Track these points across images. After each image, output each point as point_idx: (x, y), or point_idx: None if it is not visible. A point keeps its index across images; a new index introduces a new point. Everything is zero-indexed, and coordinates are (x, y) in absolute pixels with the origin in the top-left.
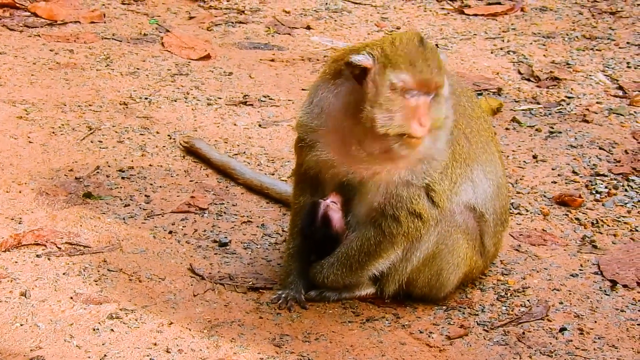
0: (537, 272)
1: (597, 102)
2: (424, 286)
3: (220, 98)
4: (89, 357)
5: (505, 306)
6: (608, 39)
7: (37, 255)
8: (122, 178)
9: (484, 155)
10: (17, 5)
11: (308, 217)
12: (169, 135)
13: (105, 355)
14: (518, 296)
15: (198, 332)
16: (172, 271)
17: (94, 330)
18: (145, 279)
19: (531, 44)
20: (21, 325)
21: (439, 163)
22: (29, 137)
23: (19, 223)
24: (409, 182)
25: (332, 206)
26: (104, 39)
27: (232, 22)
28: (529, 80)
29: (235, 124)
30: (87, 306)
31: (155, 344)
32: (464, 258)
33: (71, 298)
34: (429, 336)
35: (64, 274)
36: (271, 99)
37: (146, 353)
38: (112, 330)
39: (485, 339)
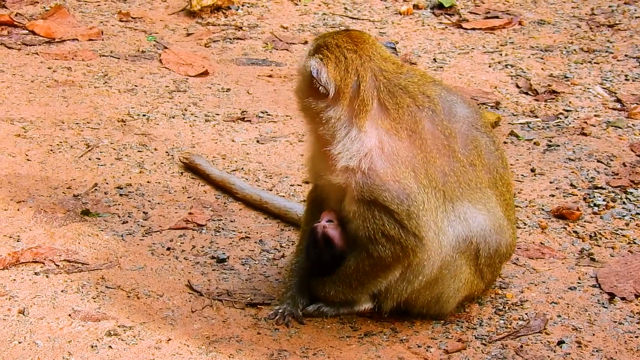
0: (535, 285)
1: (595, 115)
2: (423, 307)
3: (218, 114)
4: None
5: (503, 320)
6: (606, 51)
7: (36, 273)
8: (120, 195)
9: (473, 195)
10: (15, 23)
11: (312, 243)
12: (167, 152)
13: None
14: (516, 310)
15: (196, 348)
16: (170, 287)
17: (92, 347)
18: (143, 295)
19: (529, 57)
20: (19, 342)
21: (381, 177)
22: (27, 155)
23: (17, 241)
24: (360, 199)
25: (327, 225)
26: (101, 56)
27: (230, 39)
28: (527, 93)
29: (233, 140)
30: (85, 323)
31: None
32: (465, 283)
33: (69, 315)
34: (427, 350)
35: (62, 291)
36: (269, 114)
37: None
38: (110, 347)
39: (483, 352)
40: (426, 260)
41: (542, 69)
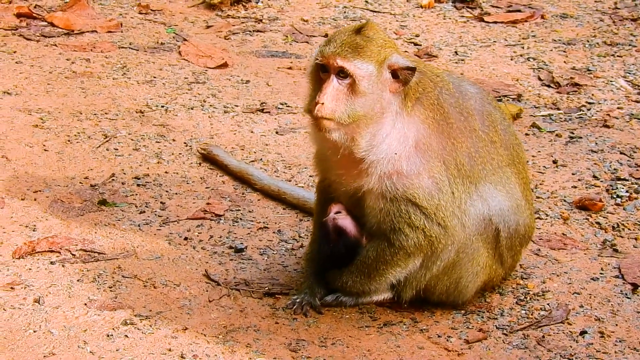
0: (557, 275)
1: (618, 108)
2: (442, 293)
3: (237, 106)
4: None
5: (524, 310)
6: (629, 45)
7: (51, 262)
8: (138, 185)
9: (494, 176)
10: (34, 15)
11: (324, 238)
12: (185, 143)
13: None
14: (537, 300)
15: (213, 337)
16: (187, 277)
17: (107, 336)
18: (160, 285)
19: (551, 50)
20: (34, 331)
21: (412, 176)
22: (44, 145)
23: (33, 230)
24: (385, 195)
25: (338, 217)
26: (120, 48)
27: (250, 31)
28: (549, 86)
29: (252, 131)
30: (101, 312)
31: (170, 350)
32: (483, 267)
33: (85, 304)
34: (447, 340)
35: (78, 280)
36: (288, 106)
37: (160, 359)
38: (126, 336)
39: (504, 342)
40: (450, 246)
41: (564, 62)
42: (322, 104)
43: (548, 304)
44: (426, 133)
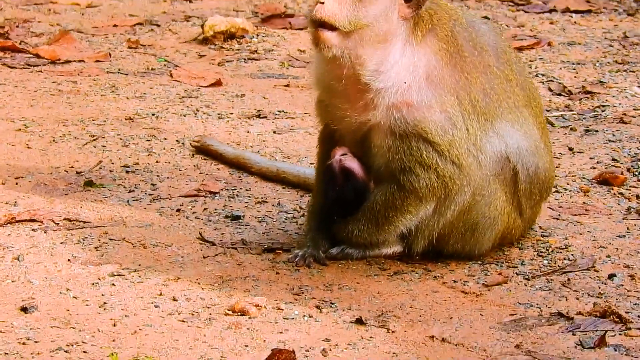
0: (580, 234)
1: (634, 109)
2: (457, 242)
3: (232, 113)
4: (87, 305)
5: (547, 260)
6: None
7: (33, 230)
8: (127, 172)
9: (511, 115)
10: (19, 48)
11: (330, 182)
12: (177, 141)
13: (104, 303)
14: (560, 252)
15: (208, 285)
16: (180, 239)
17: (93, 284)
18: (150, 245)
19: (560, 69)
20: (12, 281)
21: (423, 109)
22: (27, 144)
23: (14, 205)
24: (393, 130)
25: (343, 158)
26: (109, 73)
27: (245, 59)
28: (560, 94)
29: (248, 132)
30: (85, 267)
31: (160, 294)
32: (501, 212)
33: (68, 260)
34: (464, 284)
35: (61, 243)
36: (286, 112)
37: (150, 301)
38: (113, 284)
39: (526, 286)
40: (466, 187)
41: (574, 77)
42: (323, 3)
43: (572, 255)
44: (438, 65)
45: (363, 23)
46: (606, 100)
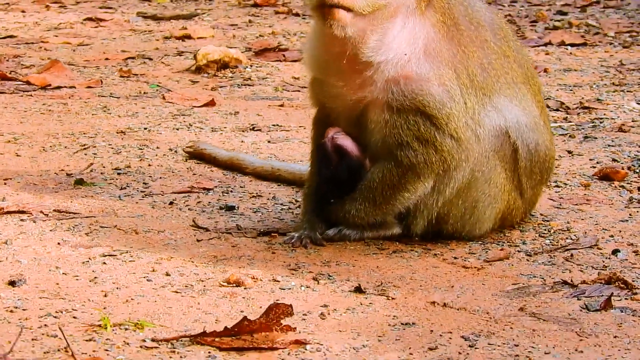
0: (582, 219)
1: (632, 120)
2: (457, 221)
3: (225, 127)
4: (77, 280)
5: (549, 240)
6: (638, 84)
7: (22, 220)
8: (119, 174)
9: (509, 91)
10: (8, 76)
11: (323, 161)
12: (170, 149)
13: (95, 278)
14: (562, 233)
15: (202, 264)
16: (173, 226)
17: (83, 263)
18: (142, 231)
19: (557, 90)
20: (0, 262)
21: (421, 81)
22: (17, 153)
23: (2, 200)
24: (391, 105)
25: (337, 136)
26: (100, 97)
27: (239, 84)
28: (557, 110)
29: (242, 141)
30: (75, 249)
31: (153, 270)
32: (501, 190)
33: (58, 244)
34: (465, 260)
35: (50, 230)
36: (280, 126)
37: (143, 276)
38: (104, 263)
39: (528, 261)
40: (464, 162)
41: (572, 96)
42: None
43: (574, 235)
44: (436, 37)
45: (382, 4)
46: (604, 114)
